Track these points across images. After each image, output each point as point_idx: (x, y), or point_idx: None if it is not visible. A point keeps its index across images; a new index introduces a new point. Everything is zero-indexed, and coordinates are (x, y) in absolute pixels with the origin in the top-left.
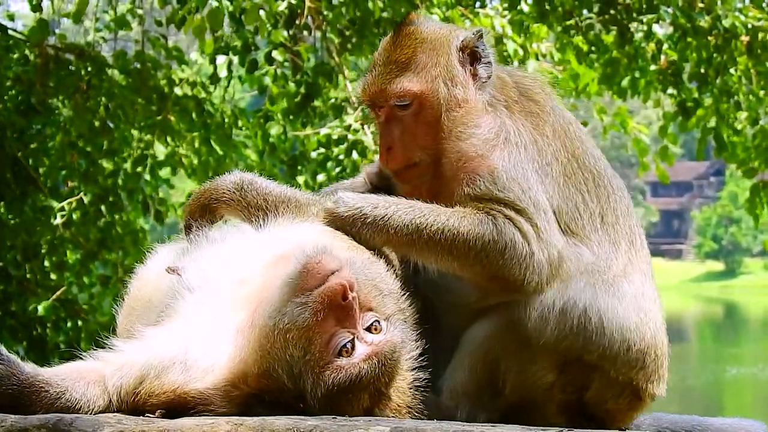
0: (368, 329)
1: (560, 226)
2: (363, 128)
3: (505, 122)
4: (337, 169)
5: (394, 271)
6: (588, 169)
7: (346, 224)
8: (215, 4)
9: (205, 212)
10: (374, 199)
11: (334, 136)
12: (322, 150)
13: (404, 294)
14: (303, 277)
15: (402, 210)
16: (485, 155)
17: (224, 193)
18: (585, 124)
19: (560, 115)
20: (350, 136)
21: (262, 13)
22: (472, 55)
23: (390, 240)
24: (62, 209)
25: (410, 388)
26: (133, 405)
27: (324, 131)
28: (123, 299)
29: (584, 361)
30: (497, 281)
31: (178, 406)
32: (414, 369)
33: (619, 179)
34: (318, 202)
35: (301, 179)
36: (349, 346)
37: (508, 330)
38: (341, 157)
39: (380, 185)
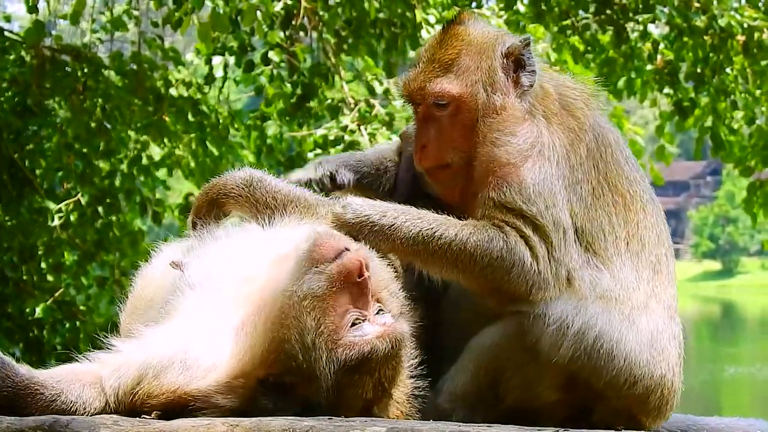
0: (378, 316)
1: (582, 245)
2: (359, 129)
3: (542, 133)
4: None
5: (399, 276)
6: (619, 193)
7: (353, 230)
8: (211, 5)
9: (212, 207)
10: (383, 206)
11: (331, 137)
12: (318, 151)
13: (409, 302)
14: (317, 248)
15: (410, 220)
16: (517, 164)
17: (233, 188)
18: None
19: (599, 134)
20: (347, 137)
21: (258, 14)
22: (516, 62)
23: (396, 249)
24: (60, 211)
25: (408, 397)
26: (131, 406)
27: (320, 132)
28: (126, 298)
29: (590, 386)
30: (500, 294)
31: (177, 407)
32: (413, 377)
33: (658, 205)
34: (326, 203)
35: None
36: (359, 323)
37: (519, 341)
38: None
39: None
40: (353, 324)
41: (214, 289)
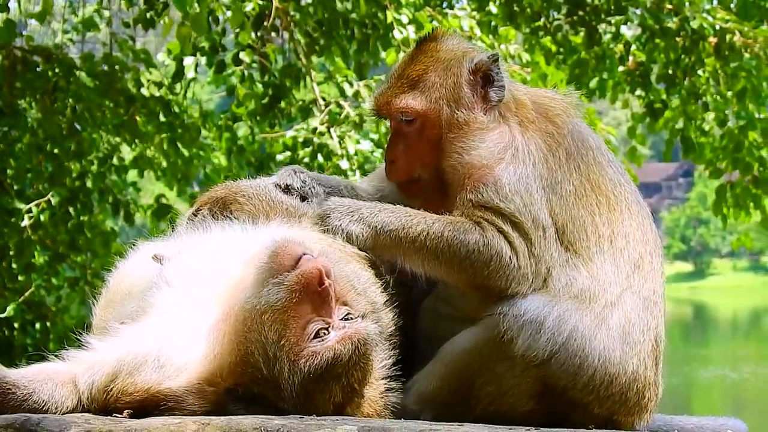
0: (342, 321)
1: (563, 244)
2: (329, 131)
3: (516, 138)
4: None
5: (375, 275)
6: (603, 194)
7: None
8: (188, 8)
9: (218, 204)
10: (361, 202)
11: (300, 139)
12: (288, 153)
13: (384, 300)
14: (275, 258)
15: (388, 211)
16: (492, 166)
17: (246, 193)
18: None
19: (579, 139)
20: (316, 140)
21: (229, 13)
22: (485, 78)
23: (377, 239)
24: (30, 211)
25: (381, 395)
26: (104, 403)
27: (290, 134)
28: (100, 293)
29: (567, 392)
30: (482, 290)
31: (150, 405)
32: (386, 378)
33: (645, 207)
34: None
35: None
36: (323, 334)
37: (493, 346)
38: (307, 160)
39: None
40: (317, 332)
41: (191, 286)
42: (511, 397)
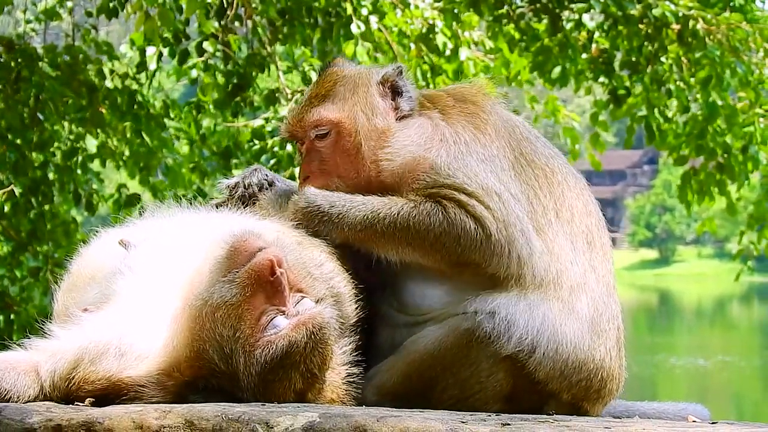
0: (297, 308)
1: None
2: None
3: (439, 125)
4: (272, 162)
5: (336, 256)
6: (539, 167)
7: (305, 220)
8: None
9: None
10: (334, 196)
11: (268, 128)
12: (255, 142)
13: (349, 289)
14: (230, 255)
15: (356, 206)
16: (424, 155)
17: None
18: (516, 112)
19: (503, 116)
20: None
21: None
22: (393, 89)
23: (347, 236)
24: None
25: (344, 380)
26: (67, 391)
27: (258, 122)
28: (64, 278)
29: (546, 386)
30: (464, 268)
31: (112, 394)
32: (347, 364)
33: (581, 179)
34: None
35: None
36: (278, 323)
37: (460, 350)
38: (276, 149)
39: None
40: (271, 322)
41: (155, 274)
42: (476, 402)
